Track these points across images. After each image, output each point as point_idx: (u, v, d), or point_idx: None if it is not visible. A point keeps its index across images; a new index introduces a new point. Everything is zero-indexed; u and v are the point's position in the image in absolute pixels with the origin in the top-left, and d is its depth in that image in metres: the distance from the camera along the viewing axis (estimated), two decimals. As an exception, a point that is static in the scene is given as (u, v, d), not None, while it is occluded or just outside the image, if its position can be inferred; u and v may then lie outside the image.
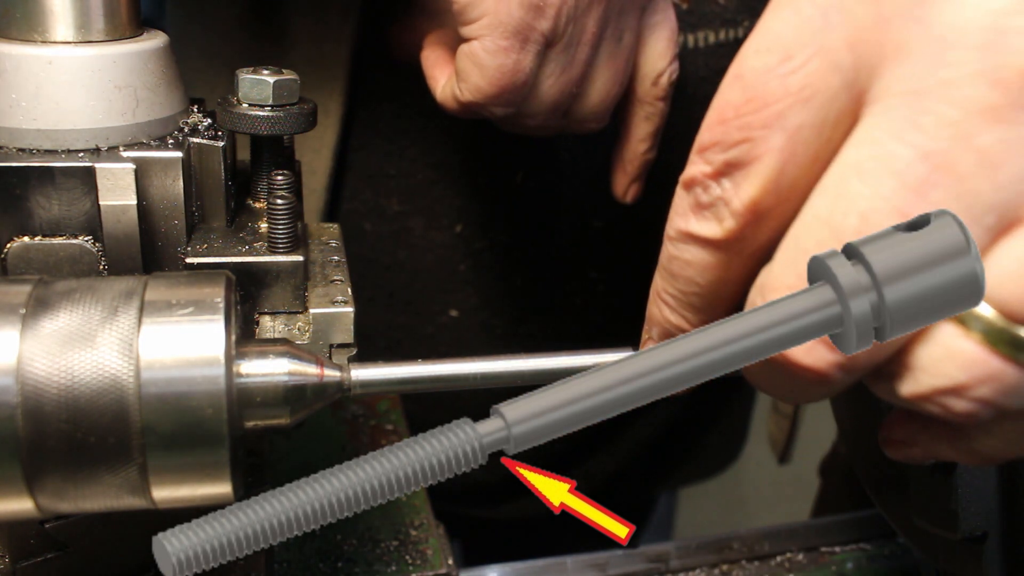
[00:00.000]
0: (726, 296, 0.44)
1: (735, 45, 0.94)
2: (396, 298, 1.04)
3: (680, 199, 0.43)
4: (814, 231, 0.38)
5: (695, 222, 0.42)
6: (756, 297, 0.40)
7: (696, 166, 0.41)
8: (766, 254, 0.42)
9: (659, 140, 0.82)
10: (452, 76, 0.72)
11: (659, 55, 0.77)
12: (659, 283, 0.46)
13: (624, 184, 0.85)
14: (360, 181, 0.99)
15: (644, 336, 0.50)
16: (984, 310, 0.35)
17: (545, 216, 1.00)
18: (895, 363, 0.38)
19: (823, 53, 0.38)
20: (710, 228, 0.42)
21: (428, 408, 1.04)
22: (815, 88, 0.38)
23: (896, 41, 0.37)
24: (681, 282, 0.44)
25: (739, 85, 0.40)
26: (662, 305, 0.46)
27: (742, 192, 0.40)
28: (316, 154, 0.94)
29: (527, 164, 0.97)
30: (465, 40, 0.68)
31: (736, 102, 0.40)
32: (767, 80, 0.39)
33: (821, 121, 0.39)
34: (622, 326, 1.11)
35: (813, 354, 0.38)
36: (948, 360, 0.36)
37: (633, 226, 0.99)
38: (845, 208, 0.37)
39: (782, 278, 0.39)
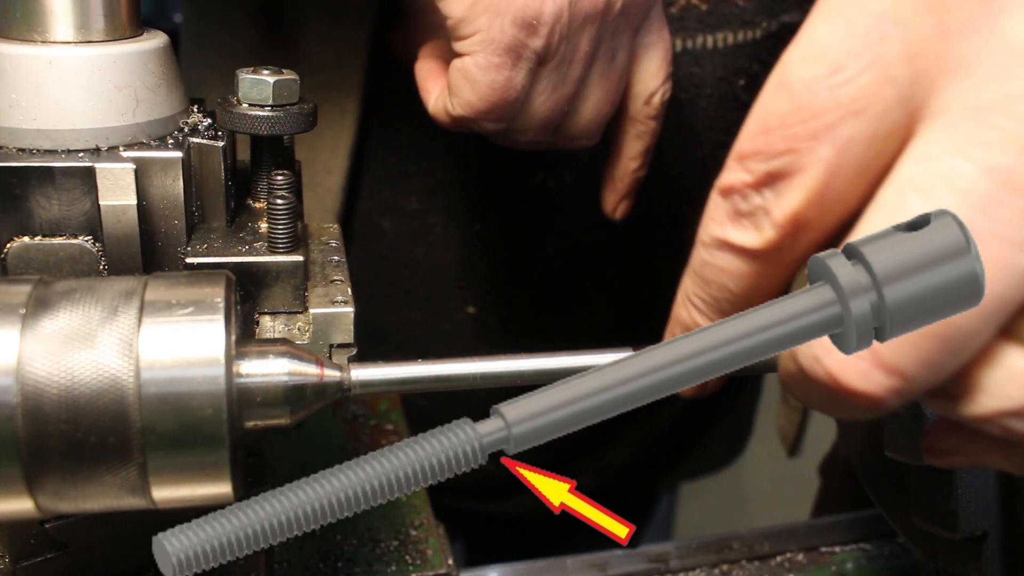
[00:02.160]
0: (758, 304, 0.43)
1: (753, 46, 0.95)
2: (413, 295, 1.04)
3: (716, 206, 0.42)
4: None
5: (732, 230, 0.41)
6: None
7: (735, 174, 0.41)
8: (803, 264, 0.41)
9: (650, 158, 0.83)
10: (444, 89, 0.72)
11: (652, 75, 0.77)
12: (689, 287, 0.45)
13: (614, 201, 0.85)
14: (379, 179, 1.00)
15: (667, 337, 0.50)
16: None
17: (563, 215, 1.01)
18: (955, 384, 0.37)
19: (878, 66, 0.37)
20: (748, 237, 0.41)
21: (439, 404, 1.04)
22: (868, 101, 0.37)
23: (958, 55, 0.36)
24: (714, 288, 0.44)
25: (784, 94, 0.39)
26: (691, 309, 0.46)
27: (784, 203, 0.39)
28: (332, 154, 0.94)
29: (546, 164, 0.97)
30: (458, 55, 0.68)
31: (781, 111, 0.39)
32: (815, 91, 0.38)
33: (872, 135, 0.38)
34: (638, 324, 1.12)
35: (869, 379, 0.37)
36: (1011, 382, 0.36)
37: (650, 225, 1.00)
38: None
39: None
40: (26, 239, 0.51)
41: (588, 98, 0.74)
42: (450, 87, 0.71)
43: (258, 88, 0.56)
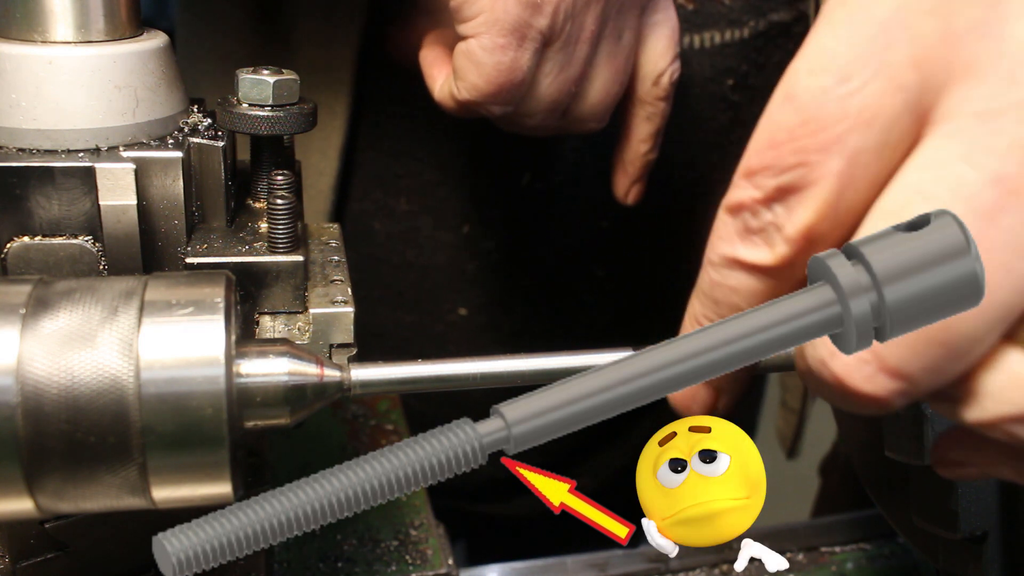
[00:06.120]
0: None
1: (740, 45, 0.94)
2: (405, 297, 1.04)
3: (724, 224, 0.41)
4: None
5: (742, 248, 0.41)
6: None
7: (744, 190, 0.40)
8: None
9: (660, 140, 0.82)
10: (450, 75, 0.72)
11: (660, 54, 0.76)
12: (698, 308, 0.44)
13: (625, 185, 0.84)
14: (369, 181, 0.99)
15: None
16: None
17: (552, 216, 1.00)
18: (959, 388, 0.37)
19: (885, 73, 0.37)
20: (760, 254, 0.40)
21: (436, 406, 1.04)
22: (877, 110, 0.37)
23: (966, 59, 0.36)
24: (725, 308, 0.43)
25: (792, 107, 0.38)
26: None
27: (796, 218, 0.39)
28: (323, 156, 0.94)
29: (535, 164, 0.97)
30: (462, 38, 0.68)
31: (789, 125, 0.38)
32: (823, 102, 0.37)
33: (882, 144, 0.37)
34: (630, 324, 1.11)
35: (874, 383, 0.37)
36: (1015, 388, 0.35)
37: (639, 225, 1.00)
38: None
39: None
40: (26, 239, 0.51)
41: (595, 79, 0.73)
42: (455, 71, 0.70)
43: (258, 88, 0.56)
